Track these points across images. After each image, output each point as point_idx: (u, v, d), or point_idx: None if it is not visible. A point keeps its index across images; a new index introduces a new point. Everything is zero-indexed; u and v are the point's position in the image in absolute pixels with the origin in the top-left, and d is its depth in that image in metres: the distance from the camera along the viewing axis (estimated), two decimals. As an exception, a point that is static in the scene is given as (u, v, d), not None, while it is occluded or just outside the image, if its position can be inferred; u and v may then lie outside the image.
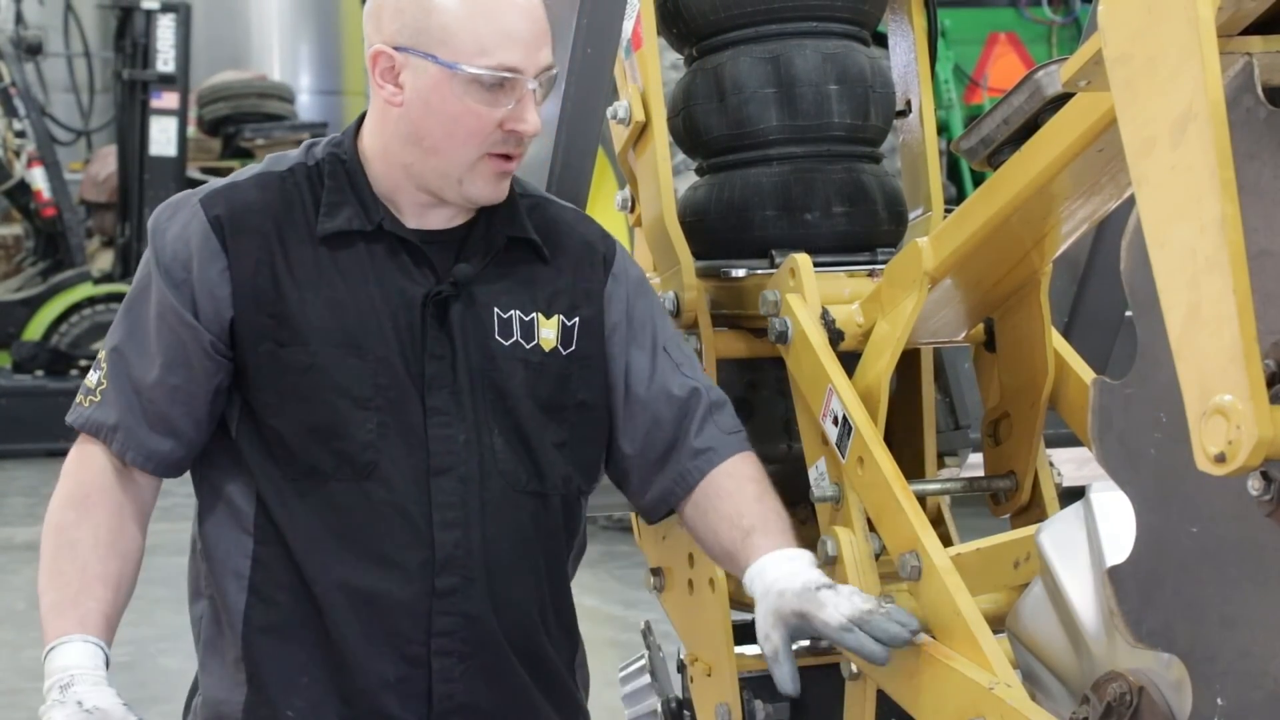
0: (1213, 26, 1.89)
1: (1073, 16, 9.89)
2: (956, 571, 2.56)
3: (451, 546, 2.52)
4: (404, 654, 2.51)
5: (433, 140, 2.49)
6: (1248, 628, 2.04)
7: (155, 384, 2.53)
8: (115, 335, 2.58)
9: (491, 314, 2.57)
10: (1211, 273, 1.85)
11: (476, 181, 2.53)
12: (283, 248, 2.52)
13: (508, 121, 2.49)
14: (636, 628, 3.36)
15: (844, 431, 2.73)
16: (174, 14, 12.37)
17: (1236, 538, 2.04)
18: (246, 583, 2.53)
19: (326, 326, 2.51)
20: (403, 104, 2.50)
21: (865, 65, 3.11)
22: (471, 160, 2.51)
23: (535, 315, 2.60)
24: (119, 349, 2.56)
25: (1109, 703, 2.29)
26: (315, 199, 2.56)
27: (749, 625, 3.15)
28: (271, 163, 2.62)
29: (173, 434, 2.55)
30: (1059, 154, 2.43)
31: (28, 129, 12.70)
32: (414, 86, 2.48)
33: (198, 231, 2.52)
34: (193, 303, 2.51)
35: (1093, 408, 2.16)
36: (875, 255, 3.07)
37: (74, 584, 2.47)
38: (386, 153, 2.55)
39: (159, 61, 12.34)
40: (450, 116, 2.48)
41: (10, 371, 12.31)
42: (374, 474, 2.50)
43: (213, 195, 2.56)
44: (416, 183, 2.54)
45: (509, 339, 2.58)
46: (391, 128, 2.53)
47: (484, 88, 2.46)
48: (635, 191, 3.20)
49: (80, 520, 2.51)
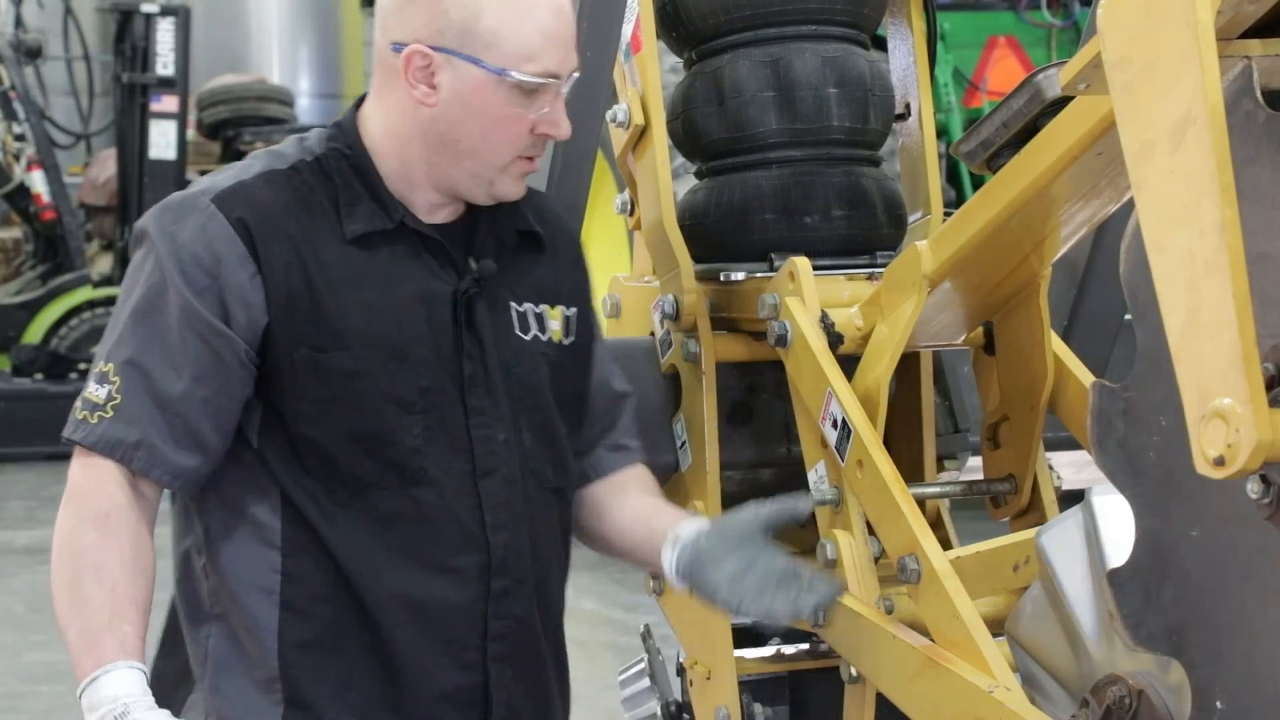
0: (1212, 30, 1.89)
1: (1072, 20, 9.89)
2: (956, 575, 2.56)
3: (503, 549, 2.48)
4: (461, 662, 2.47)
5: (470, 142, 2.45)
6: (1248, 631, 2.04)
7: (182, 397, 2.41)
8: (127, 346, 2.43)
9: (509, 308, 2.55)
10: (1211, 276, 1.86)
11: (506, 182, 2.49)
12: (311, 250, 2.44)
13: (540, 125, 2.46)
14: (636, 631, 3.36)
15: (843, 435, 2.73)
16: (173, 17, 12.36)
17: (1236, 541, 2.04)
18: (277, 598, 2.44)
19: (367, 330, 2.44)
20: (436, 105, 2.44)
21: (865, 68, 3.11)
22: (505, 162, 2.47)
23: (544, 307, 2.59)
24: (135, 361, 2.41)
25: (1108, 706, 2.29)
26: (331, 198, 2.48)
27: (748, 629, 3.16)
28: (271, 159, 2.51)
29: (200, 449, 2.43)
30: (1058, 157, 2.43)
31: (27, 132, 12.69)
32: (453, 89, 2.43)
33: (220, 235, 2.41)
34: (223, 309, 2.41)
35: (1092, 411, 2.16)
36: (874, 258, 3.07)
37: (105, 609, 2.35)
38: (405, 151, 2.48)
39: (158, 65, 12.33)
40: (492, 120, 2.44)
41: (10, 375, 12.30)
42: (423, 480, 2.45)
43: (227, 196, 2.44)
44: (437, 182, 2.49)
45: (528, 333, 2.56)
46: (417, 128, 2.46)
47: (524, 92, 2.43)
48: (634, 195, 3.20)
49: (103, 541, 2.38)
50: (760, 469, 3.18)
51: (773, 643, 3.18)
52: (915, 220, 3.22)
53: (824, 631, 2.79)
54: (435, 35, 2.42)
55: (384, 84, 2.49)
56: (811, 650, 3.12)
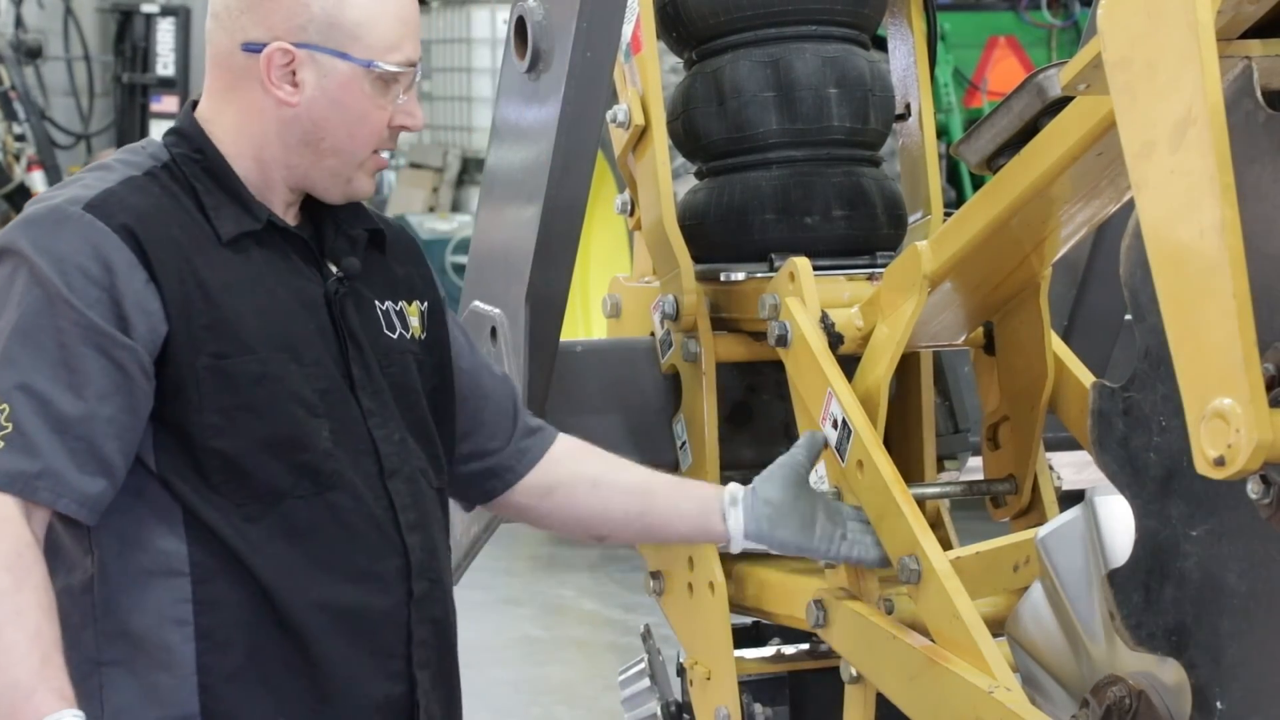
0: (1212, 30, 1.89)
1: (1072, 20, 9.89)
2: (956, 575, 2.56)
3: (419, 549, 2.43)
4: (388, 671, 2.39)
5: (334, 140, 2.38)
6: (1247, 631, 2.04)
7: (84, 418, 2.24)
8: (13, 371, 2.24)
9: (374, 307, 2.48)
10: (1211, 276, 1.86)
11: (363, 179, 2.43)
12: (195, 253, 2.33)
13: (397, 116, 2.41)
14: (636, 631, 3.36)
15: (843, 435, 2.73)
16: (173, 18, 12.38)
17: (1236, 541, 2.04)
18: (192, 629, 2.30)
19: (265, 333, 2.35)
20: (299, 104, 2.36)
21: (865, 69, 3.11)
22: (364, 158, 2.42)
23: (401, 304, 2.52)
24: (25, 385, 2.23)
25: (1108, 706, 2.29)
26: (195, 202, 2.37)
27: (749, 629, 3.16)
28: (124, 167, 2.39)
29: (105, 472, 2.25)
30: (1058, 158, 2.43)
31: (27, 132, 12.70)
32: (318, 85, 2.36)
33: (106, 243, 2.28)
34: (120, 320, 2.27)
35: (1092, 411, 2.16)
36: (875, 259, 3.07)
37: (34, 654, 2.18)
38: (262, 152, 2.39)
39: (159, 65, 12.36)
40: (357, 115, 2.38)
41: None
42: (338, 484, 2.37)
43: (100, 204, 2.31)
44: (295, 182, 2.42)
45: (394, 332, 2.49)
46: (275, 128, 2.38)
47: (384, 83, 2.38)
48: (635, 195, 3.20)
49: (20, 585, 2.19)
50: (760, 469, 3.17)
51: (773, 643, 3.18)
52: (915, 220, 3.22)
53: (824, 632, 2.79)
54: (296, 31, 2.36)
55: (231, 86, 2.40)
56: (811, 650, 3.12)
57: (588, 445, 2.72)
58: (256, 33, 2.37)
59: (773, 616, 3.02)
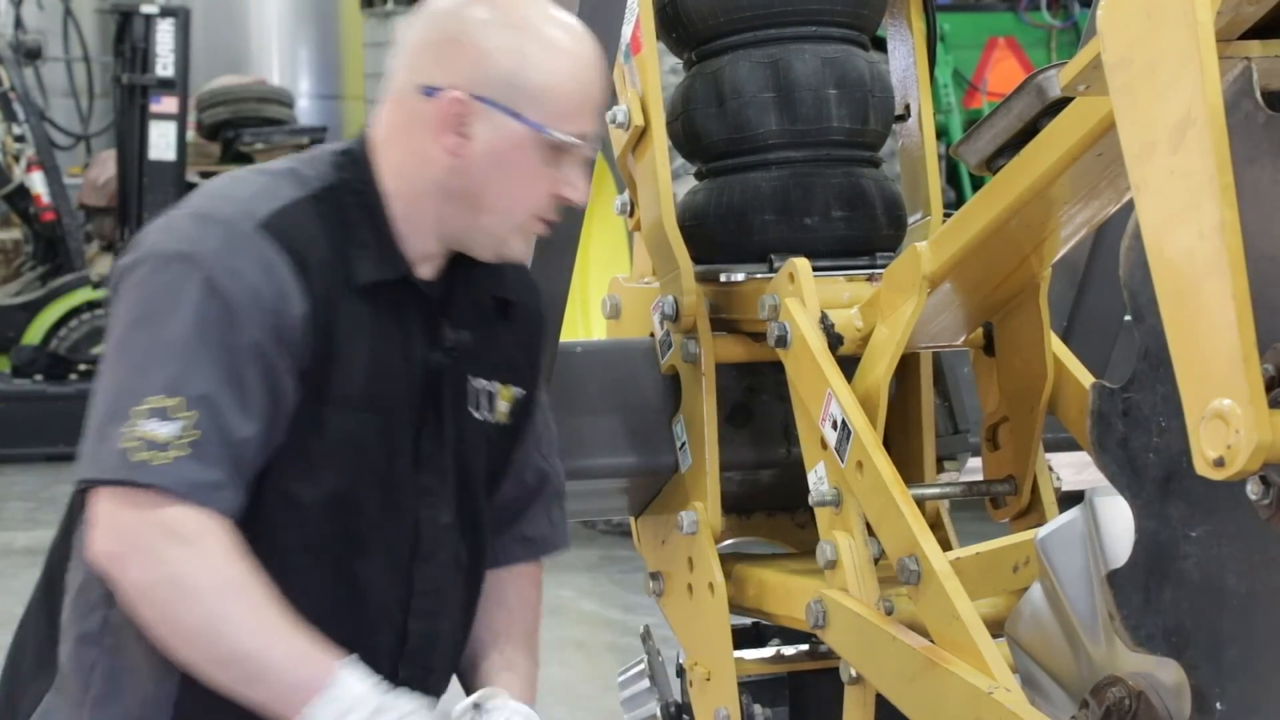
0: (1211, 31, 1.89)
1: (1072, 21, 9.89)
2: (955, 576, 2.56)
3: (419, 636, 2.41)
4: None
5: (493, 199, 2.35)
6: (1247, 632, 2.04)
7: (249, 440, 2.25)
8: (199, 381, 2.23)
9: (467, 382, 2.44)
10: (1210, 277, 1.86)
11: (517, 242, 2.40)
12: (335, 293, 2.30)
13: (561, 187, 2.37)
14: (636, 632, 3.36)
15: (843, 436, 2.73)
16: (173, 19, 12.36)
17: (1236, 542, 2.04)
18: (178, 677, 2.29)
19: (366, 393, 2.32)
20: (465, 156, 2.33)
21: (864, 69, 3.11)
22: (522, 222, 2.38)
23: (496, 385, 2.48)
24: (210, 398, 2.22)
25: (1108, 707, 2.29)
26: (346, 237, 2.34)
27: (748, 630, 3.16)
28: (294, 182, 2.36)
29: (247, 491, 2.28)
30: (1058, 158, 2.43)
31: (27, 133, 12.69)
32: (488, 141, 2.32)
33: (279, 270, 2.27)
34: (281, 347, 2.26)
35: (1092, 412, 2.16)
36: (874, 259, 3.07)
37: (296, 624, 2.24)
38: (417, 200, 2.36)
39: (158, 66, 12.33)
40: (521, 179, 2.34)
41: (9, 376, 12.31)
42: (368, 553, 2.35)
43: (273, 225, 2.29)
44: (445, 233, 2.38)
45: (479, 411, 2.46)
46: (436, 177, 2.34)
47: (554, 151, 2.34)
48: (634, 196, 3.20)
49: (252, 570, 2.25)
50: (760, 470, 3.18)
51: (773, 644, 3.18)
52: (915, 221, 3.22)
53: (824, 633, 2.79)
54: (477, 83, 2.31)
55: (404, 125, 2.36)
56: (811, 651, 3.12)
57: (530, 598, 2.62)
58: (437, 78, 2.33)
59: (772, 617, 3.02)
